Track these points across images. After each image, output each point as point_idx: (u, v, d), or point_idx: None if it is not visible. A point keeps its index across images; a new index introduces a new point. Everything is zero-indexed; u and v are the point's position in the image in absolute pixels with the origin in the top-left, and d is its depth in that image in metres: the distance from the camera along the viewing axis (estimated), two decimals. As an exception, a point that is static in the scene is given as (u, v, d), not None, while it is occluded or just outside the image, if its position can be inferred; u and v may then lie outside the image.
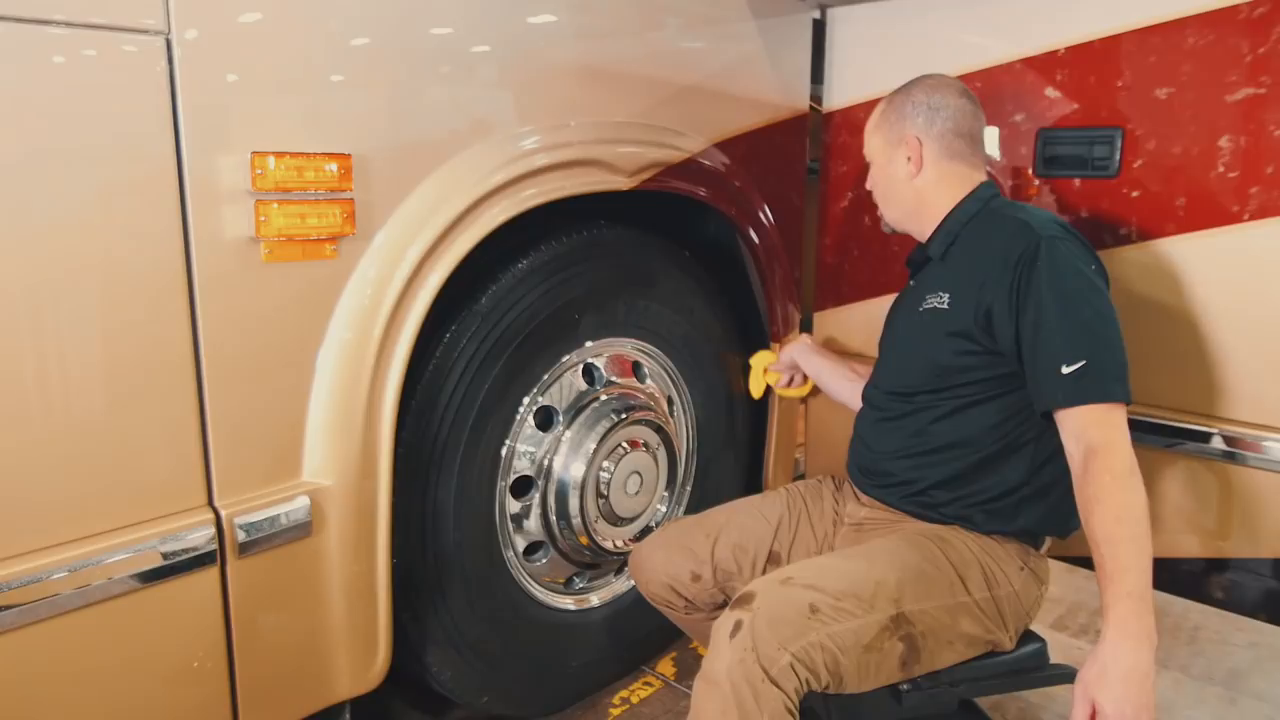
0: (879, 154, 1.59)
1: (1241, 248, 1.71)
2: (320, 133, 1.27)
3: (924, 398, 1.49)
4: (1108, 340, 1.32)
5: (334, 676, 1.43)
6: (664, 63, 1.78)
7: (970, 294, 1.41)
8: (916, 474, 1.49)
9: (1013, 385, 1.41)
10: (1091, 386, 1.28)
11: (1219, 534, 1.84)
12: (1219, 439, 1.77)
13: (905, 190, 1.56)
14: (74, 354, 1.10)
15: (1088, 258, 1.40)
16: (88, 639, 1.15)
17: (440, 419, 1.55)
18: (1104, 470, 1.24)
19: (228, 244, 1.20)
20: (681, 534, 1.62)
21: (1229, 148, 1.70)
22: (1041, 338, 1.32)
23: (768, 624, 1.23)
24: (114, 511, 1.16)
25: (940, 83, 1.55)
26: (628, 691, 1.98)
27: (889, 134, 1.56)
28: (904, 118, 1.54)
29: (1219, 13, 1.67)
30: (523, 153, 1.51)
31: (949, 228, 1.52)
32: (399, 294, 1.37)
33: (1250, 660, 1.84)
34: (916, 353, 1.52)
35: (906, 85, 1.58)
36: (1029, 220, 1.41)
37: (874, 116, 1.61)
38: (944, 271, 1.51)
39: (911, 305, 1.57)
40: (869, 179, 1.65)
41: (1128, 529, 1.21)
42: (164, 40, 1.11)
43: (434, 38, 1.40)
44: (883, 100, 1.60)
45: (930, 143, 1.52)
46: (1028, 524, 1.45)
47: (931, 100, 1.52)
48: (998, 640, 1.40)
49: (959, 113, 1.52)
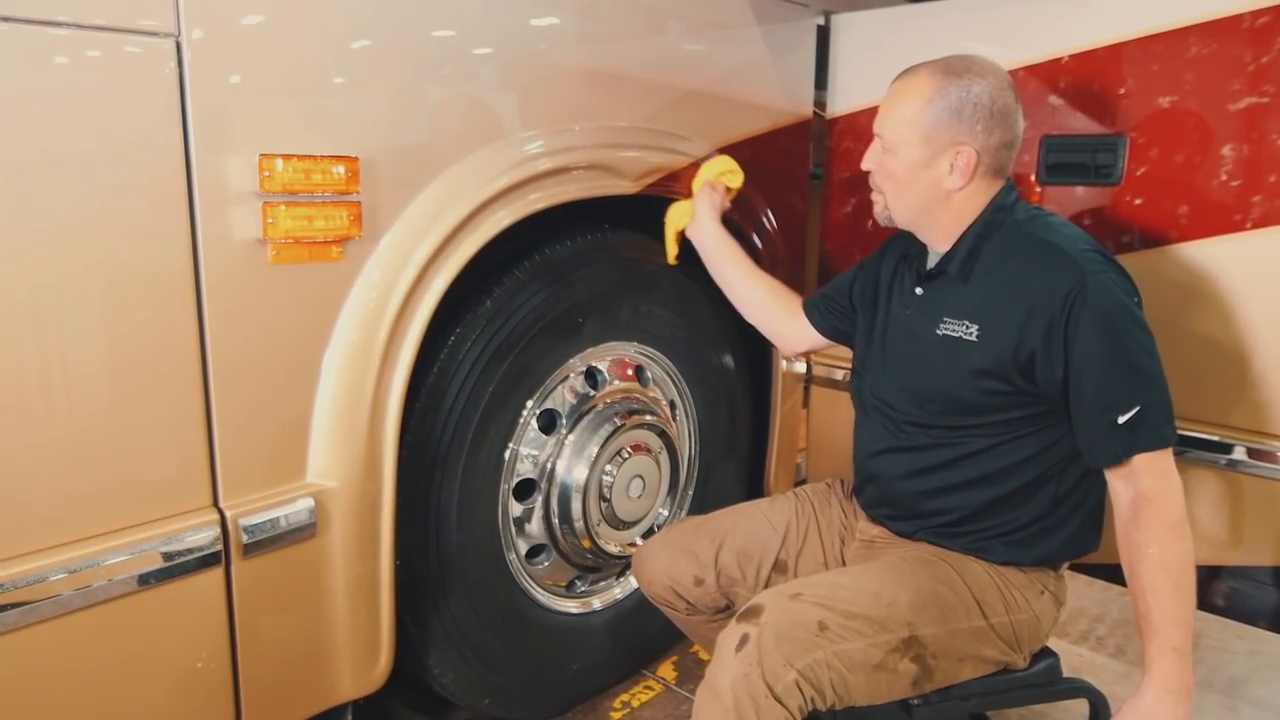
0: (910, 149, 1.34)
1: (1244, 256, 1.71)
2: (327, 136, 1.27)
3: (943, 432, 1.40)
4: (1156, 379, 1.26)
5: (337, 678, 1.43)
6: (668, 68, 1.78)
7: (1006, 332, 1.30)
8: (932, 507, 1.43)
9: (1045, 423, 1.34)
10: (1146, 434, 1.23)
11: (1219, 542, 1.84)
12: (1221, 446, 1.78)
13: (933, 194, 1.36)
14: (82, 354, 1.10)
15: (1128, 286, 1.31)
16: (93, 639, 1.16)
17: (444, 422, 1.55)
18: (1155, 520, 1.22)
19: (235, 245, 1.21)
20: (685, 537, 1.59)
21: (1232, 156, 1.70)
22: (1094, 388, 1.25)
23: (774, 639, 1.21)
24: (120, 512, 1.17)
25: (1001, 81, 1.33)
26: (628, 695, 1.98)
27: (935, 132, 1.32)
28: (961, 120, 1.30)
29: (1222, 22, 1.68)
30: (527, 157, 1.52)
31: (971, 242, 1.37)
32: (404, 297, 1.38)
33: (1250, 668, 1.84)
34: (936, 382, 1.39)
35: (961, 72, 1.31)
36: (1064, 247, 1.29)
37: (913, 99, 1.33)
38: (968, 294, 1.36)
39: (924, 319, 1.42)
40: (873, 160, 1.41)
41: (1176, 581, 1.20)
42: (174, 42, 1.11)
43: (440, 42, 1.40)
44: (922, 77, 1.33)
45: (986, 156, 1.33)
46: (1047, 553, 1.40)
47: (996, 106, 1.30)
48: (1012, 660, 1.38)
49: (1017, 121, 1.34)
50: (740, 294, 1.80)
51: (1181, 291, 1.78)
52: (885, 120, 1.38)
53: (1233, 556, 1.85)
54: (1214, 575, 1.89)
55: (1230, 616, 1.92)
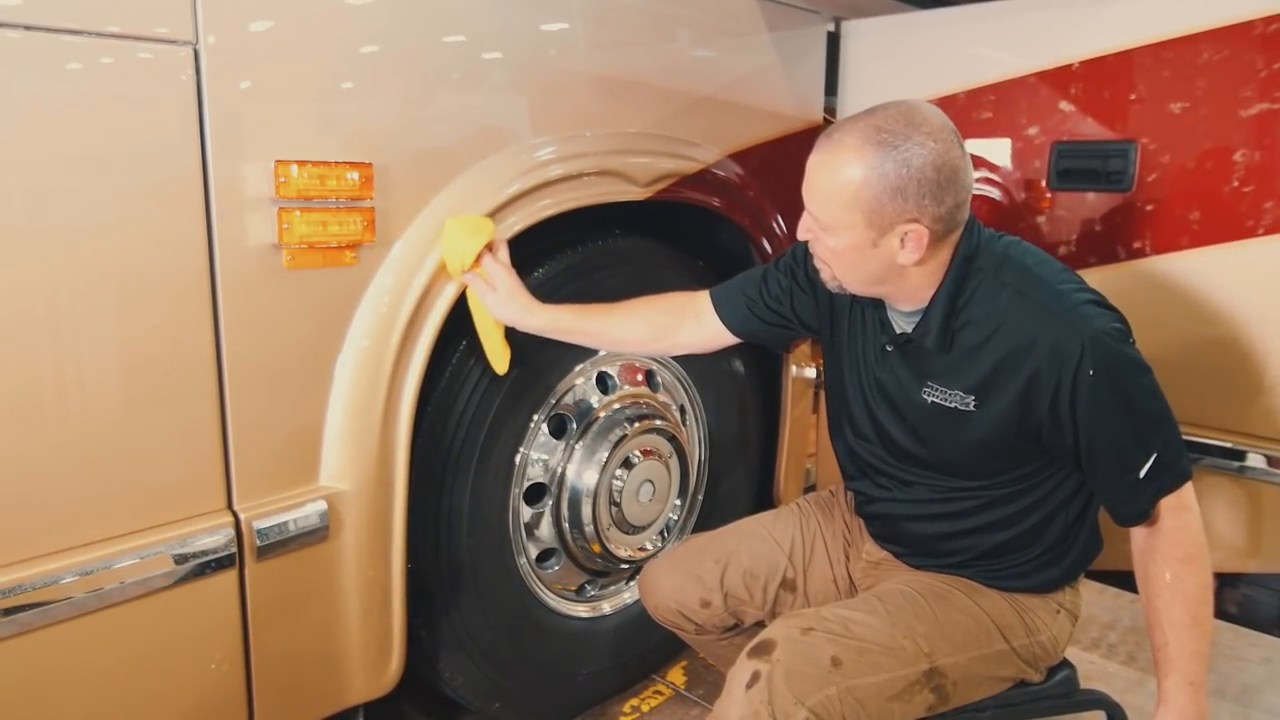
0: (851, 231, 1.18)
1: (1256, 262, 1.71)
2: (342, 142, 1.29)
3: (944, 489, 1.36)
4: (1166, 418, 1.22)
5: (348, 680, 1.44)
6: (679, 74, 1.79)
7: (1007, 404, 1.22)
8: (940, 548, 1.40)
9: (1053, 470, 1.30)
10: (1166, 477, 1.20)
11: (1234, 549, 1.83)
12: (1236, 453, 1.77)
13: (887, 269, 1.21)
14: (98, 358, 1.12)
15: (1121, 327, 1.21)
16: (107, 641, 1.17)
17: (456, 426, 1.56)
18: (1174, 556, 1.21)
19: (251, 251, 1.22)
20: (690, 559, 1.55)
21: (1243, 162, 1.70)
22: (1109, 451, 1.20)
23: (785, 677, 1.18)
24: (135, 514, 1.18)
25: (943, 138, 1.14)
26: (638, 700, 1.98)
27: (877, 214, 1.15)
28: (905, 198, 1.14)
29: (1234, 28, 1.68)
30: (539, 163, 1.53)
31: (943, 308, 1.23)
32: (416, 302, 1.39)
33: (1264, 676, 1.83)
34: (929, 451, 1.33)
35: (897, 139, 1.13)
36: (1055, 307, 1.19)
37: (845, 178, 1.15)
38: (955, 363, 1.25)
39: (903, 381, 1.32)
40: (810, 235, 1.25)
41: (1194, 613, 1.19)
42: (191, 50, 1.13)
43: (453, 49, 1.41)
44: (852, 151, 1.14)
45: (939, 225, 1.17)
46: (1060, 574, 1.38)
47: (943, 174, 1.13)
48: (1029, 677, 1.37)
49: (967, 175, 1.17)
50: (616, 338, 1.58)
51: (1194, 298, 1.77)
52: (816, 200, 1.20)
53: (1247, 564, 1.84)
54: (1228, 583, 1.88)
55: (1244, 624, 1.91)
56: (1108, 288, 1.27)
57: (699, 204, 1.85)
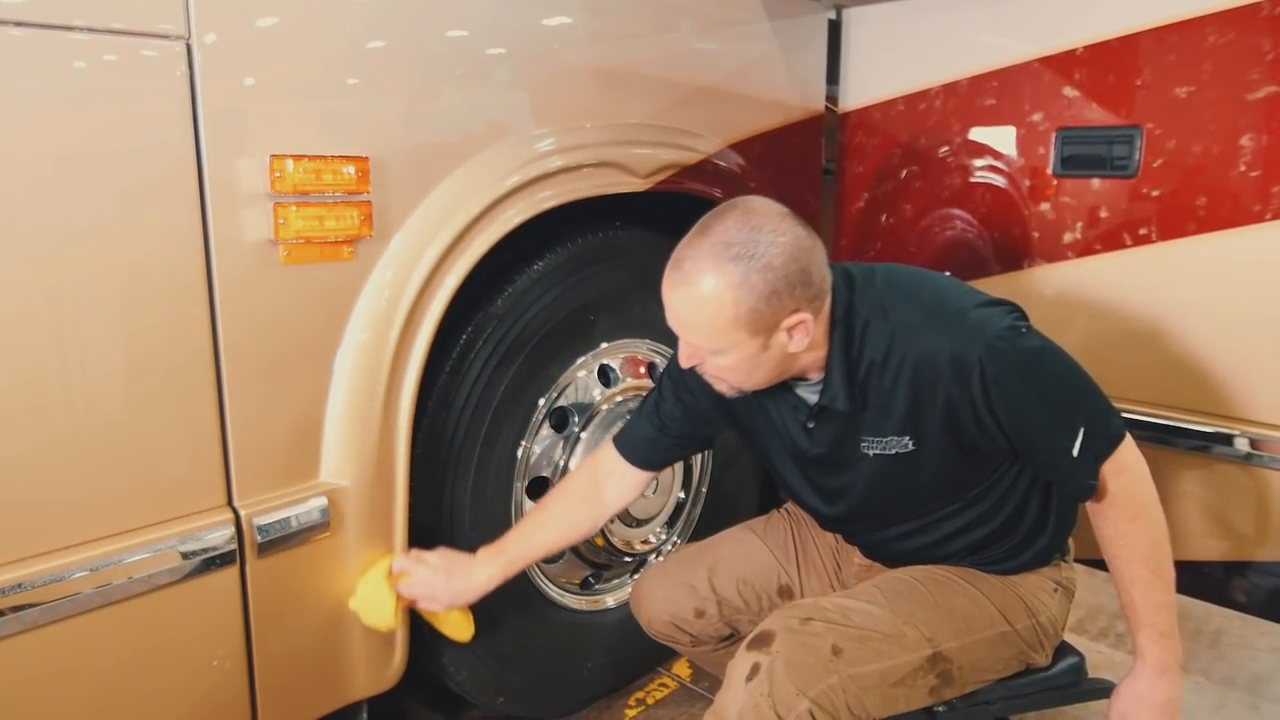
0: (740, 347, 1.18)
1: (1263, 247, 1.69)
2: (338, 136, 1.28)
3: (918, 516, 1.38)
4: (1081, 390, 1.23)
5: (352, 675, 1.44)
6: (679, 64, 1.78)
7: (937, 431, 1.23)
8: (924, 556, 1.40)
9: (1012, 465, 1.32)
10: (1101, 444, 1.21)
11: (1242, 537, 1.82)
12: (1241, 441, 1.76)
13: (782, 361, 1.22)
14: (96, 356, 1.11)
15: (1011, 318, 1.21)
16: (109, 637, 1.17)
17: (457, 420, 1.55)
18: (1122, 518, 1.23)
19: (247, 246, 1.21)
20: (681, 569, 1.54)
21: (1250, 146, 1.68)
22: (1039, 438, 1.22)
23: (785, 668, 1.19)
24: (136, 512, 1.18)
25: (788, 230, 1.15)
26: (643, 693, 1.98)
27: (758, 324, 1.15)
28: (780, 299, 1.14)
29: (1239, 11, 1.66)
30: (538, 155, 1.52)
31: (842, 372, 1.24)
32: (416, 296, 1.38)
33: (1273, 665, 1.82)
34: (887, 499, 1.35)
35: (749, 250, 1.12)
36: (939, 326, 1.20)
37: (715, 308, 1.14)
38: (877, 413, 1.26)
39: (838, 447, 1.31)
40: (696, 360, 1.24)
41: (1152, 566, 1.22)
42: (185, 45, 1.12)
43: (450, 41, 1.40)
44: (709, 279, 1.14)
45: (816, 302, 1.19)
46: (1048, 547, 1.39)
47: (800, 262, 1.14)
48: (1035, 660, 1.38)
49: (814, 242, 1.19)
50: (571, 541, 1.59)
51: (1200, 284, 1.76)
52: (695, 332, 1.20)
53: (1256, 552, 1.83)
54: (1237, 571, 1.87)
55: (1253, 613, 1.90)
56: (1114, 274, 1.26)
57: (700, 195, 1.84)
